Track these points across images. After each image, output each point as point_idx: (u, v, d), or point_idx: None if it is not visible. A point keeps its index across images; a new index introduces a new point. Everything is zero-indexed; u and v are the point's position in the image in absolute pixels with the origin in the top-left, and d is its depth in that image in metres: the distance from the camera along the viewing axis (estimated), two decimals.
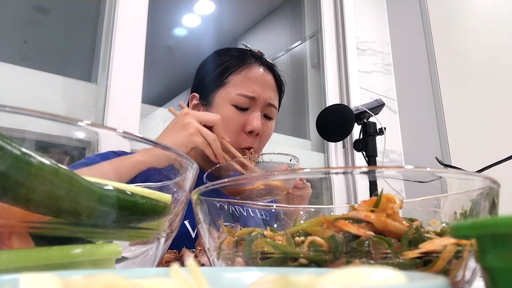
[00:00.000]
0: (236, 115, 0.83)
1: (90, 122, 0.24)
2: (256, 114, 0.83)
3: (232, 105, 0.83)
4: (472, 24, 1.81)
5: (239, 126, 0.82)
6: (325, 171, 0.40)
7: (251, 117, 0.83)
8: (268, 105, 0.86)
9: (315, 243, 0.27)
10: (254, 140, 0.83)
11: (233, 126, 0.82)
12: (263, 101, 0.84)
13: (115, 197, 0.25)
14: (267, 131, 0.88)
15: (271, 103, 0.86)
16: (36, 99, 1.06)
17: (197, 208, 0.34)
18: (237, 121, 0.82)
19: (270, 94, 0.86)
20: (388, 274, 0.15)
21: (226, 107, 0.83)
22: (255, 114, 0.83)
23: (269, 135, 0.90)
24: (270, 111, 0.87)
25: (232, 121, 0.82)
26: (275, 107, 0.88)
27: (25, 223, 0.23)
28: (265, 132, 0.86)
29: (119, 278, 0.14)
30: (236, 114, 0.83)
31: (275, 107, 0.88)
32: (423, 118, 1.92)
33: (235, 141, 0.82)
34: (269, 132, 0.89)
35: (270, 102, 0.86)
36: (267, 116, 0.87)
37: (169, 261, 0.53)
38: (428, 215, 0.34)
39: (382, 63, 2.09)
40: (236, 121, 0.82)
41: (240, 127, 0.83)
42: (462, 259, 0.26)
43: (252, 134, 0.83)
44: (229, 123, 0.82)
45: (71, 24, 1.36)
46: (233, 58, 0.87)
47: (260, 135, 0.85)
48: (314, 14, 2.02)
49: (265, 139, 0.89)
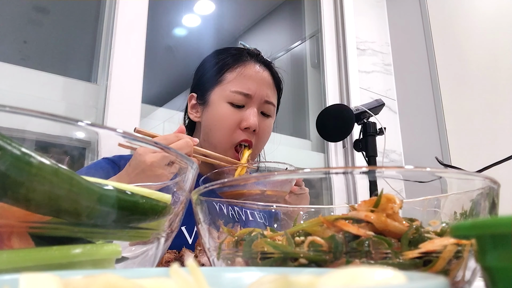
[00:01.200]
0: (232, 112, 0.82)
1: (90, 122, 0.24)
2: (252, 111, 0.82)
3: (227, 103, 0.82)
4: (472, 24, 1.81)
5: (235, 123, 0.82)
6: (325, 171, 0.40)
7: (247, 113, 0.82)
8: (265, 102, 0.85)
9: (315, 243, 0.27)
10: (251, 135, 0.83)
11: (229, 124, 0.81)
12: (259, 98, 0.84)
13: (115, 197, 0.25)
14: (265, 129, 0.87)
15: (267, 100, 0.85)
16: (36, 99, 1.06)
17: (197, 208, 0.34)
18: (233, 118, 0.82)
19: (267, 92, 0.85)
20: (388, 274, 0.15)
21: (221, 105, 0.83)
22: (251, 111, 0.82)
23: (268, 133, 0.89)
24: (268, 108, 0.86)
25: (228, 119, 0.82)
26: (273, 104, 0.88)
27: (25, 223, 0.23)
28: (263, 129, 0.86)
29: (119, 278, 0.14)
30: (231, 111, 0.82)
31: (272, 104, 0.87)
32: (423, 118, 1.92)
33: (232, 138, 0.81)
34: (267, 129, 0.88)
35: (267, 99, 0.85)
36: (264, 113, 0.87)
37: (169, 261, 0.53)
38: (428, 215, 0.34)
39: (382, 63, 2.09)
40: (232, 118, 0.82)
41: (236, 124, 0.82)
42: (462, 259, 0.26)
43: (249, 130, 0.82)
44: (224, 120, 0.81)
45: (71, 24, 1.36)
46: (229, 56, 0.87)
47: (258, 133, 0.84)
48: (314, 14, 2.02)
49: (264, 137, 0.88)
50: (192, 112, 0.90)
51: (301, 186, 0.74)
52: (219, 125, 0.82)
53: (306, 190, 0.75)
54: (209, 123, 0.84)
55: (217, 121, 0.83)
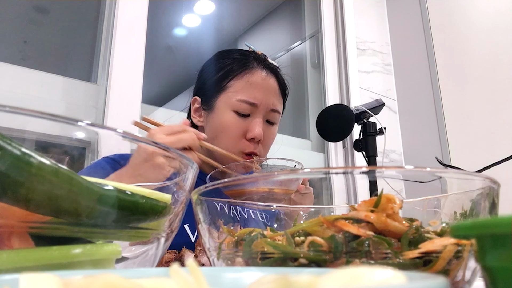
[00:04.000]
0: (237, 121, 0.81)
1: (90, 122, 0.24)
2: (258, 121, 0.81)
3: (233, 111, 0.81)
4: (472, 24, 1.81)
5: (240, 133, 0.81)
6: (325, 171, 0.40)
7: (252, 124, 0.81)
8: (270, 111, 0.84)
9: (315, 243, 0.27)
10: (256, 146, 0.82)
11: (234, 133, 0.80)
12: (265, 107, 0.82)
13: (115, 197, 0.25)
14: (270, 136, 0.86)
15: (273, 109, 0.84)
16: (36, 99, 1.06)
17: (197, 208, 0.34)
18: (238, 127, 0.81)
19: (273, 100, 0.84)
20: (388, 274, 0.15)
21: (227, 113, 0.81)
22: (257, 121, 0.81)
23: (272, 140, 0.88)
24: (273, 116, 0.85)
25: (233, 128, 0.80)
26: (278, 112, 0.86)
27: (25, 223, 0.23)
28: (267, 137, 0.85)
29: (119, 278, 0.14)
30: (237, 121, 0.81)
31: (278, 112, 0.86)
32: (423, 118, 1.92)
33: (237, 147, 0.80)
34: (272, 137, 0.87)
35: (273, 108, 0.84)
36: (269, 121, 0.85)
37: (169, 261, 0.53)
38: (428, 215, 0.34)
39: (382, 63, 2.09)
40: (237, 127, 0.81)
41: (241, 134, 0.81)
42: (462, 259, 0.26)
43: (254, 141, 0.81)
44: (230, 129, 0.80)
45: (71, 24, 1.36)
46: (235, 62, 0.85)
47: (263, 141, 0.83)
48: (314, 14, 2.02)
49: (268, 144, 0.87)
50: (196, 116, 0.88)
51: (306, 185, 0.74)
52: (224, 134, 0.81)
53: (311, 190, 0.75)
54: (214, 130, 0.83)
55: (222, 129, 0.81)
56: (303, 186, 0.73)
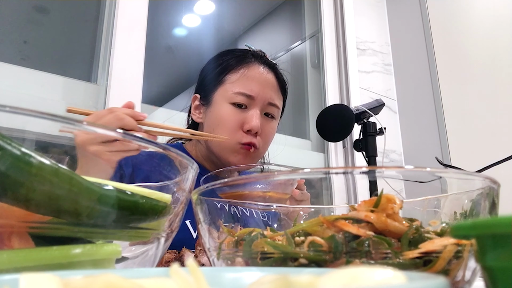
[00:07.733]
0: (234, 113, 0.81)
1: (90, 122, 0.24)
2: (255, 113, 0.81)
3: (230, 104, 0.82)
4: (472, 24, 1.81)
5: (238, 125, 0.81)
6: (325, 171, 0.40)
7: (249, 115, 0.81)
8: (268, 104, 0.84)
9: (315, 243, 0.27)
10: (254, 138, 0.82)
11: (231, 125, 0.81)
12: (262, 100, 0.83)
13: (115, 197, 0.25)
14: (269, 130, 0.86)
15: (271, 102, 0.85)
16: (36, 99, 1.06)
17: (197, 208, 0.34)
18: (235, 119, 0.81)
19: (271, 93, 0.84)
20: (388, 274, 0.15)
21: (224, 106, 0.82)
22: (254, 113, 0.81)
23: (272, 134, 0.88)
24: (271, 110, 0.85)
25: (230, 120, 0.81)
26: (277, 106, 0.87)
27: (25, 223, 0.23)
28: (266, 131, 0.85)
29: (119, 278, 0.14)
30: (234, 113, 0.81)
31: (277, 107, 0.86)
32: (423, 118, 1.92)
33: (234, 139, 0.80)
34: (271, 131, 0.87)
35: (270, 101, 0.84)
36: (268, 115, 0.86)
37: (169, 261, 0.53)
38: (428, 215, 0.34)
39: (382, 63, 2.09)
40: (234, 119, 0.81)
41: (238, 126, 0.81)
42: (462, 259, 0.26)
43: (251, 133, 0.81)
44: (227, 121, 0.81)
45: (71, 24, 1.36)
46: (233, 58, 0.86)
47: (262, 135, 0.83)
48: (314, 14, 2.02)
49: (268, 139, 0.87)
50: (195, 113, 0.89)
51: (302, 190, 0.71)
52: (221, 126, 0.81)
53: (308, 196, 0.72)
54: (211, 123, 0.83)
55: (219, 121, 0.82)
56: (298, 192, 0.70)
